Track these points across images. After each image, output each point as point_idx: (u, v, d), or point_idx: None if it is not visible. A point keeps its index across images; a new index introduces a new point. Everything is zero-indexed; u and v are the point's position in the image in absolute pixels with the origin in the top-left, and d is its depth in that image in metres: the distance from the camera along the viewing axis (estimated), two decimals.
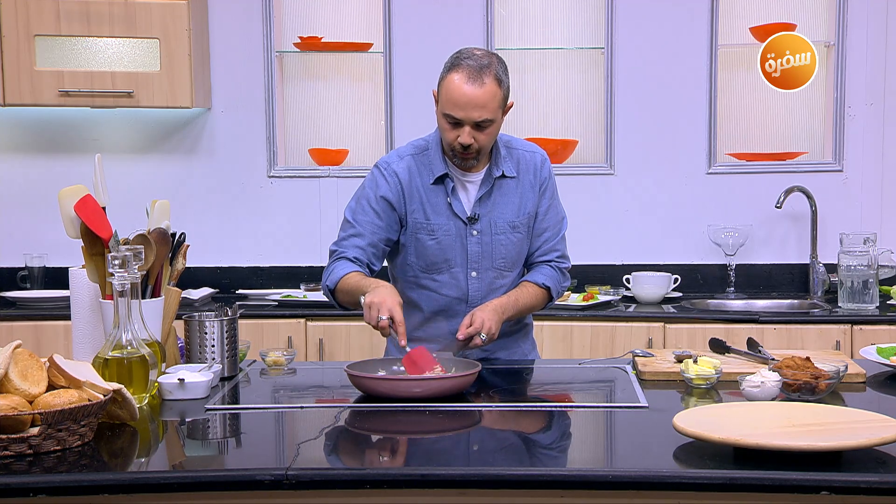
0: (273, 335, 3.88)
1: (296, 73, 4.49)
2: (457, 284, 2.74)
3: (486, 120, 2.58)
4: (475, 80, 2.56)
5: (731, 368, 2.48)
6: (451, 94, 2.57)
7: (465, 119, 2.57)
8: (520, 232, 2.76)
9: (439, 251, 2.72)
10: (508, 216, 2.74)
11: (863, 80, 4.20)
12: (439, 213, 2.71)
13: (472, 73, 2.56)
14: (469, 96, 2.55)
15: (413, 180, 2.71)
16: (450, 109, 2.58)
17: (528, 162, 2.78)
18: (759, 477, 1.77)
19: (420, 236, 2.72)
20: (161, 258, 2.46)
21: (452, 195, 2.70)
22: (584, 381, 2.67)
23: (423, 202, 2.71)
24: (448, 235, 2.71)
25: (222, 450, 2.11)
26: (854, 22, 4.17)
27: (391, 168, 2.73)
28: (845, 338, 3.69)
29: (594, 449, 2.13)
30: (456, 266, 2.73)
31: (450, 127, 2.61)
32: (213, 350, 2.55)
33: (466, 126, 2.58)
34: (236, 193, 4.44)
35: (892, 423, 1.89)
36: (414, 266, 2.75)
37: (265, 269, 4.45)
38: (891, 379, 2.52)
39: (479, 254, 2.73)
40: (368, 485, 1.81)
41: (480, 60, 2.59)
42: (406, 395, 2.30)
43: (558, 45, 4.35)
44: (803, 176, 4.24)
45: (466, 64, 2.58)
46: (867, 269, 3.86)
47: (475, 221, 2.72)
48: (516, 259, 2.79)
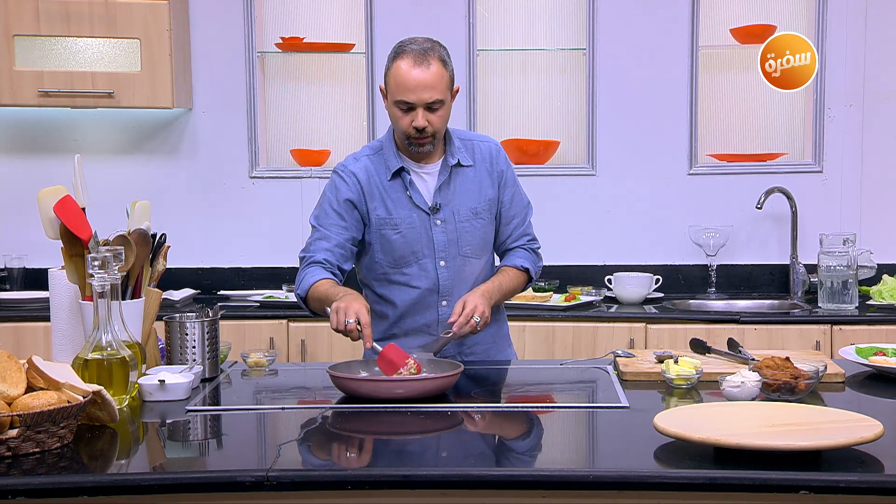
0: (255, 336, 3.87)
1: (278, 73, 4.48)
2: (426, 275, 2.78)
3: (436, 101, 2.64)
4: (421, 62, 2.63)
5: (712, 368, 2.49)
6: (400, 79, 2.64)
7: (417, 101, 2.63)
8: (482, 218, 2.81)
9: (405, 244, 2.76)
10: (470, 203, 2.79)
11: (842, 81, 4.23)
12: (400, 206, 2.75)
13: (417, 57, 2.63)
14: (418, 79, 2.62)
15: (371, 178, 2.76)
16: (401, 95, 2.64)
17: (483, 151, 2.84)
18: (738, 477, 1.77)
19: (384, 232, 2.76)
20: (141, 259, 2.45)
21: (411, 187, 2.75)
22: (565, 381, 2.67)
23: (384, 198, 2.75)
24: (412, 228, 2.75)
25: (203, 451, 2.11)
26: (834, 24, 4.20)
27: (348, 169, 2.78)
28: (825, 338, 3.71)
29: (575, 449, 2.14)
30: (424, 257, 2.77)
31: (402, 114, 2.67)
32: (193, 351, 2.54)
33: (419, 109, 2.65)
34: (218, 194, 4.43)
35: (870, 423, 1.90)
36: (382, 263, 2.78)
37: (247, 269, 4.44)
38: (870, 379, 2.53)
39: (445, 243, 2.77)
40: (350, 486, 1.81)
41: (423, 45, 2.67)
42: (388, 396, 2.30)
43: (540, 47, 4.36)
44: (783, 177, 4.27)
45: (410, 49, 2.65)
46: (847, 269, 3.88)
47: (437, 211, 2.76)
48: (482, 245, 2.83)
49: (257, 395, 2.57)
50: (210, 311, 2.61)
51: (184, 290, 4.19)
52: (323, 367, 2.48)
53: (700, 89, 4.30)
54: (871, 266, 4.06)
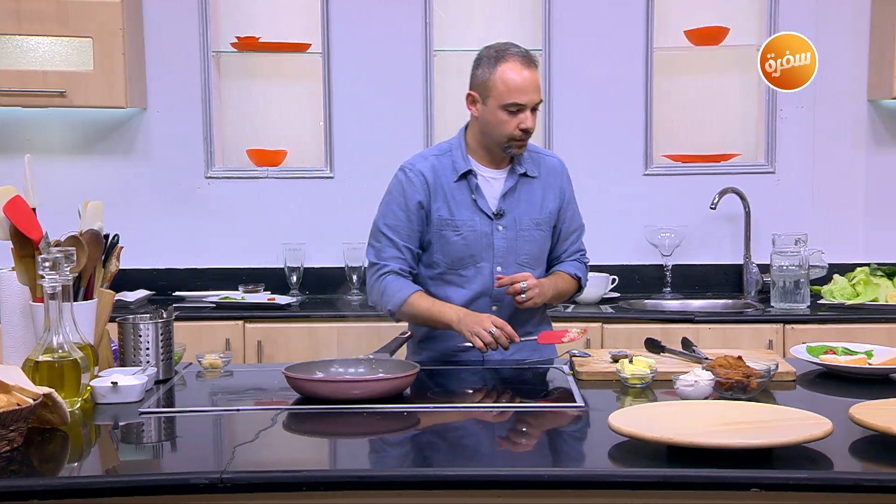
0: (210, 337, 3.83)
1: (233, 73, 4.45)
2: (482, 279, 2.82)
3: (540, 101, 2.75)
4: (528, 64, 2.72)
5: (666, 368, 2.51)
6: (511, 82, 2.69)
7: (529, 102, 2.71)
8: (542, 230, 2.86)
9: (465, 247, 2.80)
10: (533, 214, 2.84)
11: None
12: (463, 209, 2.79)
13: (523, 60, 2.72)
14: (529, 80, 2.70)
15: (437, 178, 2.80)
16: (513, 97, 2.69)
17: (549, 165, 2.91)
18: (691, 475, 1.79)
19: (445, 233, 2.79)
20: (93, 260, 2.43)
21: (476, 192, 2.79)
22: (521, 381, 2.68)
23: (448, 199, 2.79)
24: (473, 231, 2.79)
25: (157, 453, 2.09)
26: (784, 26, 4.24)
27: (416, 168, 2.82)
28: (777, 337, 3.76)
29: (531, 449, 2.14)
30: (482, 261, 2.81)
31: (510, 117, 2.72)
32: (147, 353, 2.52)
33: (528, 110, 2.71)
34: (173, 195, 4.39)
35: (820, 421, 1.92)
36: (440, 263, 2.82)
37: (203, 270, 4.40)
38: (820, 377, 2.57)
39: (504, 249, 2.81)
40: (304, 487, 1.80)
41: (521, 48, 2.75)
42: (344, 397, 2.29)
43: None
44: (737, 177, 4.31)
45: (514, 52, 2.72)
46: (798, 269, 3.94)
47: (501, 217, 2.80)
48: (539, 256, 2.88)
49: (212, 396, 2.56)
50: (164, 313, 2.59)
51: (138, 292, 4.15)
52: (279, 368, 2.47)
53: (655, 90, 4.33)
54: (822, 266, 4.12)
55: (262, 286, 4.28)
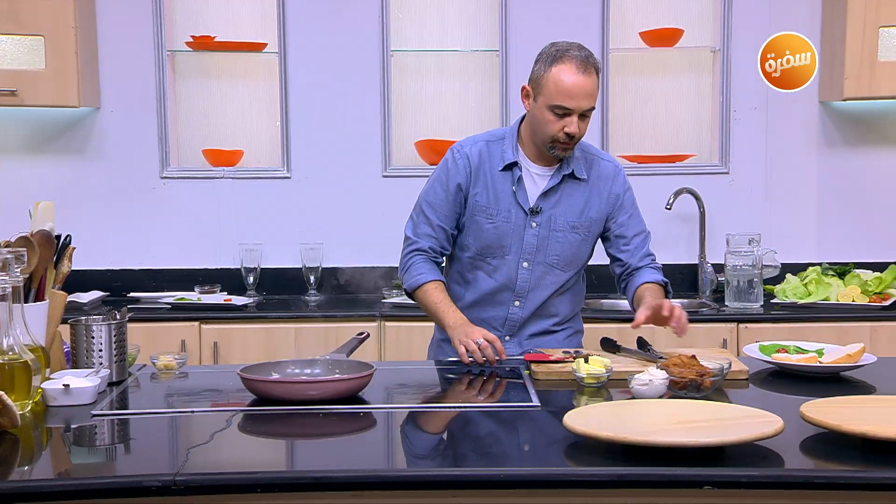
0: (166, 339, 3.80)
1: (189, 72, 4.41)
2: (507, 272, 2.83)
3: (590, 108, 2.72)
4: (584, 70, 2.68)
5: (622, 367, 2.53)
6: (562, 85, 2.67)
7: (577, 108, 2.68)
8: (578, 234, 2.84)
9: (496, 236, 2.81)
10: (570, 216, 2.83)
11: (747, 84, 4.33)
12: (502, 198, 2.80)
13: (580, 64, 2.68)
14: (582, 86, 2.67)
15: (483, 164, 2.81)
16: (560, 100, 2.68)
17: (603, 170, 2.88)
18: (645, 473, 1.81)
19: (478, 219, 2.81)
20: (45, 261, 2.40)
21: (518, 184, 2.80)
22: (477, 381, 2.68)
23: (488, 186, 2.80)
24: (507, 223, 2.80)
25: (110, 456, 2.07)
26: (738, 28, 4.30)
27: (463, 150, 2.84)
28: (732, 336, 3.80)
29: (486, 448, 2.14)
30: (510, 254, 2.82)
31: (555, 118, 2.70)
32: (100, 355, 2.49)
33: (575, 115, 2.69)
34: (128, 195, 4.35)
35: (772, 419, 1.95)
36: (471, 247, 2.85)
37: (159, 271, 4.37)
38: (772, 375, 2.60)
39: (534, 246, 2.81)
40: (259, 488, 1.79)
41: (583, 52, 2.72)
42: (300, 398, 2.28)
43: (454, 48, 4.38)
44: (692, 178, 4.35)
45: (573, 55, 2.70)
46: (752, 268, 3.98)
47: (536, 214, 2.80)
48: (571, 259, 2.86)
49: (167, 398, 2.53)
50: (118, 314, 2.56)
51: (92, 293, 4.11)
52: (235, 369, 2.45)
53: (611, 91, 4.35)
54: (775, 265, 4.17)
55: (219, 287, 4.25)
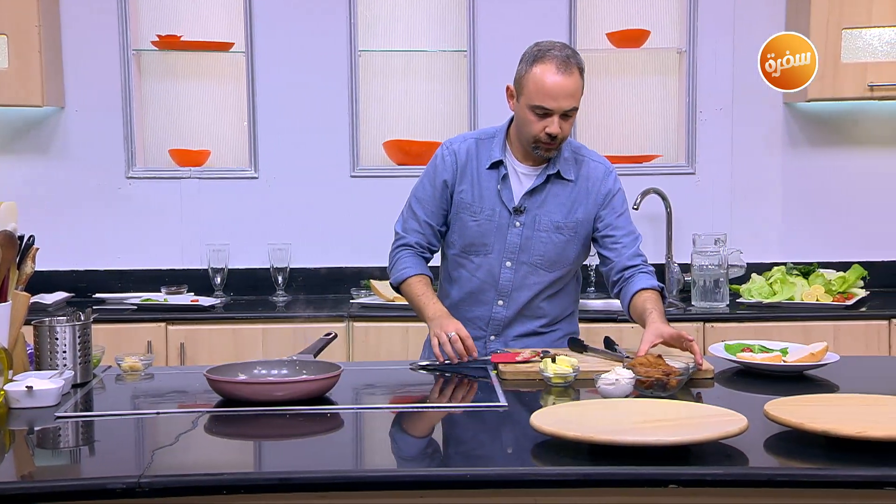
0: (132, 340, 3.78)
1: (154, 71, 4.38)
2: (490, 271, 2.83)
3: (573, 108, 2.71)
4: (565, 69, 2.67)
5: (589, 367, 2.54)
6: (541, 85, 2.66)
7: (557, 109, 2.67)
8: (563, 234, 2.82)
9: (479, 234, 2.81)
10: (555, 217, 2.81)
11: (713, 85, 4.36)
12: (487, 197, 2.80)
13: (560, 64, 2.67)
14: (561, 86, 2.66)
15: (470, 161, 2.82)
16: (540, 100, 2.67)
17: (592, 171, 2.86)
18: (611, 472, 1.82)
19: (463, 216, 2.81)
20: (7, 262, 2.37)
21: (503, 182, 2.79)
22: (445, 381, 2.68)
23: (474, 184, 2.81)
24: (490, 221, 2.80)
25: (74, 458, 2.05)
26: (704, 30, 4.33)
27: (451, 147, 2.85)
28: (698, 335, 3.82)
29: (454, 448, 2.15)
30: (493, 252, 2.82)
31: (537, 118, 2.70)
32: (64, 356, 2.47)
33: (556, 116, 2.68)
34: (93, 195, 4.31)
35: (737, 418, 1.96)
36: (455, 244, 2.86)
37: (125, 272, 4.33)
38: (737, 374, 2.62)
39: (517, 245, 2.81)
40: (225, 490, 1.78)
41: (564, 51, 2.71)
42: (267, 399, 2.28)
43: (422, 48, 4.38)
44: (659, 178, 4.37)
45: (554, 55, 2.68)
46: (718, 268, 4.01)
47: (521, 213, 2.79)
48: (555, 260, 2.84)
49: (132, 400, 2.52)
50: (82, 315, 2.54)
51: (57, 294, 4.07)
52: (202, 370, 2.44)
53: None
54: (740, 265, 4.20)
55: (186, 288, 4.22)
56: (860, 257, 4.32)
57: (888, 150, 4.42)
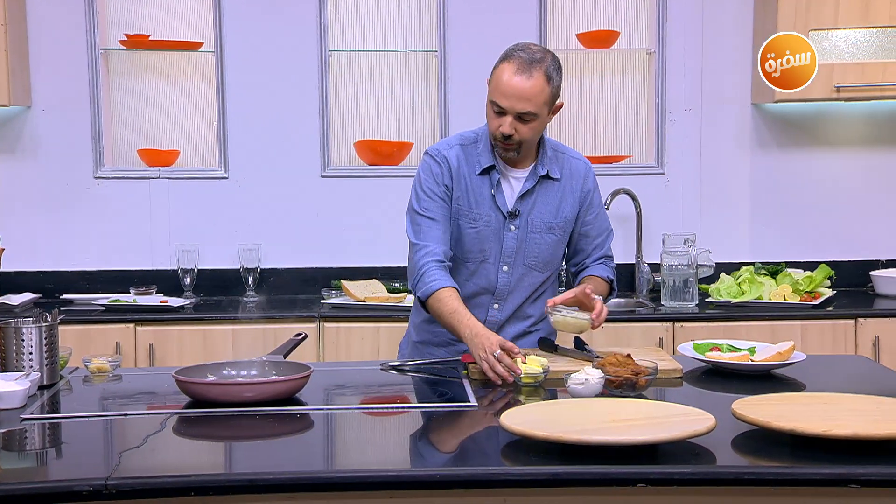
0: (101, 341, 3.75)
1: (123, 70, 4.35)
2: (486, 276, 2.82)
3: (528, 113, 2.65)
4: (524, 72, 2.63)
5: (559, 367, 2.55)
6: (498, 82, 2.66)
7: (509, 109, 2.65)
8: (555, 234, 2.83)
9: (477, 241, 2.79)
10: (546, 217, 2.81)
11: (682, 86, 4.39)
12: (482, 203, 2.78)
13: (521, 65, 2.64)
14: (515, 87, 2.63)
15: (461, 168, 2.79)
16: (496, 97, 2.66)
17: (573, 168, 2.86)
18: (580, 472, 1.82)
19: (461, 223, 2.79)
20: None
21: (496, 188, 2.77)
22: (415, 381, 2.69)
23: (468, 190, 2.78)
24: (488, 227, 2.79)
25: (40, 461, 2.04)
26: (673, 31, 4.35)
27: (442, 154, 2.80)
28: (668, 335, 3.85)
29: (423, 449, 2.15)
30: (489, 258, 2.80)
31: (494, 115, 2.70)
32: (30, 357, 2.45)
33: (509, 116, 2.66)
34: (61, 195, 4.27)
35: (704, 417, 1.98)
36: (452, 250, 2.81)
37: (93, 273, 4.30)
38: (706, 373, 2.64)
39: (513, 249, 2.80)
40: (193, 492, 1.78)
41: (533, 55, 2.66)
42: (236, 400, 2.27)
43: (392, 48, 4.37)
44: (628, 179, 4.39)
45: (518, 56, 2.66)
46: (687, 268, 4.03)
47: (515, 217, 2.78)
48: (549, 260, 2.85)
49: (100, 401, 2.50)
50: (48, 316, 2.52)
51: (24, 295, 4.04)
52: (171, 371, 2.43)
53: None
54: (709, 265, 4.22)
55: (155, 288, 4.20)
56: (827, 257, 4.36)
57: (855, 151, 4.46)
